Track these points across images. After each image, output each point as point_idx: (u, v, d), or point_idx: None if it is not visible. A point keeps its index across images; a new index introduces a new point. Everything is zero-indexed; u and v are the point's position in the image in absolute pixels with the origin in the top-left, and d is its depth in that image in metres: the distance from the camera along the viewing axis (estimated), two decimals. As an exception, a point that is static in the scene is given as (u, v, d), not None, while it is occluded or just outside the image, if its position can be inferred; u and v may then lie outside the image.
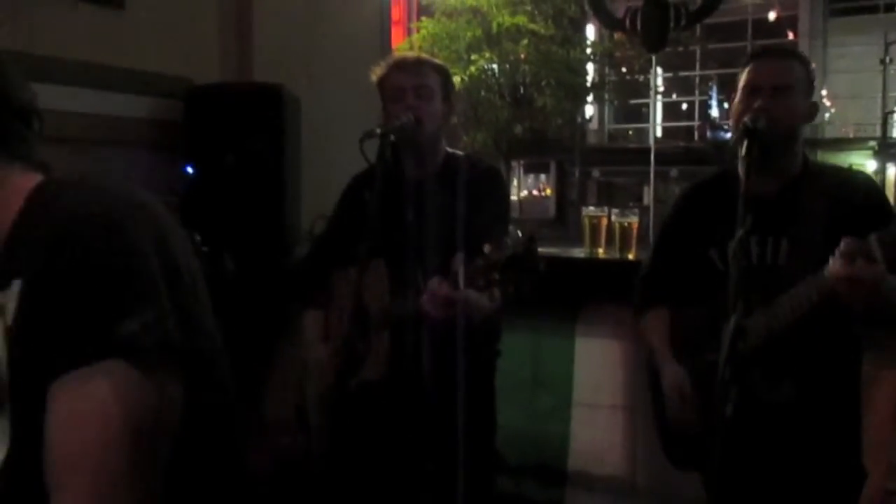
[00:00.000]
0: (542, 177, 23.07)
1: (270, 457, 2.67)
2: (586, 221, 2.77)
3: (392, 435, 2.06)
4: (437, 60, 2.11)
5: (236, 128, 2.73)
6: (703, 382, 1.77)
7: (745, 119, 1.66)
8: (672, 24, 3.22)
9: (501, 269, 1.54)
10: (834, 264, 1.49)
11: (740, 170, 1.72)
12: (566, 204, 21.10)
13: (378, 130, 1.86)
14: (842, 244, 1.48)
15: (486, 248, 1.57)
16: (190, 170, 2.73)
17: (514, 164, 18.05)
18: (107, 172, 1.09)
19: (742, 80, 1.76)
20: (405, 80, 1.97)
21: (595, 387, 2.73)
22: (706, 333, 1.78)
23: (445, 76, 2.05)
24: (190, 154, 2.75)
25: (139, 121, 2.81)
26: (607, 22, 3.86)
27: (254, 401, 2.97)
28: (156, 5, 2.87)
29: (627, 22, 3.21)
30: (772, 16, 17.34)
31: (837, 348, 1.74)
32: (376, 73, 2.03)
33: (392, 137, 1.86)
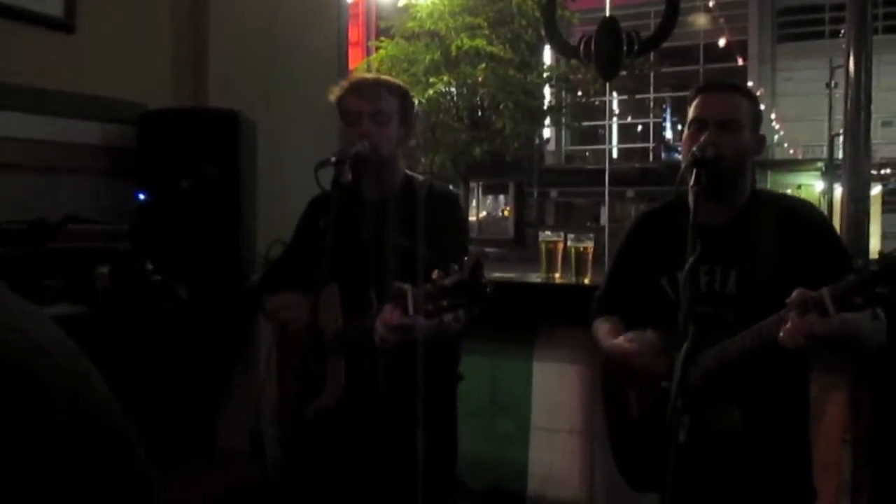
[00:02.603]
0: (501, 198, 23.31)
1: (224, 486, 2.63)
2: (543, 247, 2.79)
3: (350, 461, 2.04)
4: (395, 81, 2.09)
5: (190, 153, 2.69)
6: (658, 409, 1.80)
7: (694, 149, 1.70)
8: (625, 52, 3.28)
9: (449, 294, 1.55)
10: (786, 316, 1.50)
11: (690, 199, 1.75)
12: (525, 224, 21.35)
13: (333, 159, 1.85)
14: (794, 295, 1.49)
15: (435, 274, 1.58)
16: (143, 196, 2.69)
17: (472, 185, 18.35)
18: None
19: (690, 113, 1.80)
20: (361, 104, 1.96)
21: (552, 411, 2.74)
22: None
23: (403, 97, 2.03)
24: (143, 180, 2.71)
25: (91, 147, 2.76)
26: (562, 50, 3.92)
27: (207, 429, 2.93)
28: (108, 29, 2.83)
29: (582, 49, 3.27)
30: (722, 42, 17.87)
31: (786, 375, 1.78)
32: (334, 93, 2.02)
33: (347, 165, 1.87)
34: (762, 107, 1.98)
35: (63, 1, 2.69)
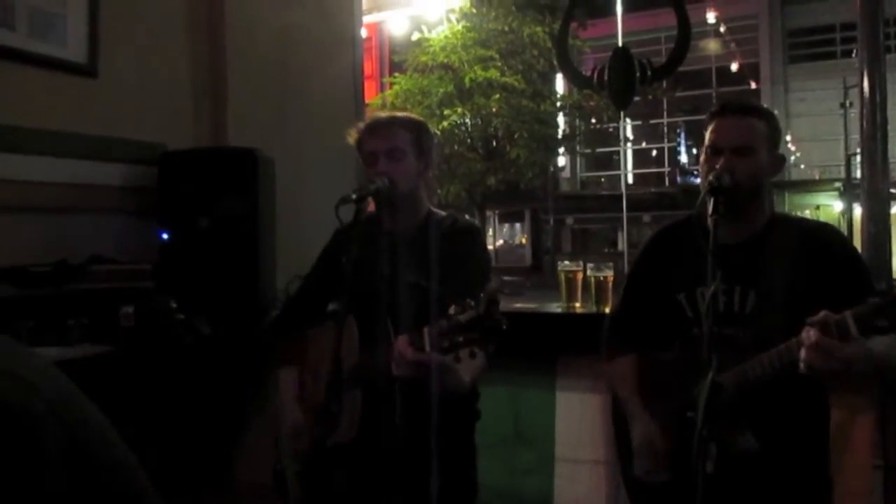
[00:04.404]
0: (517, 226, 23.31)
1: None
2: (562, 276, 2.79)
3: (369, 497, 2.03)
4: (409, 116, 2.12)
5: (210, 192, 2.73)
6: (676, 433, 1.78)
7: (710, 177, 1.71)
8: (638, 80, 3.30)
9: (464, 330, 1.55)
10: (808, 337, 1.49)
11: (709, 222, 1.75)
12: (542, 252, 21.29)
13: (353, 196, 1.87)
14: (817, 317, 1.48)
15: (452, 310, 1.58)
16: (165, 235, 2.73)
17: (488, 214, 18.40)
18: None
19: (706, 138, 1.81)
20: (376, 144, 1.99)
21: (576, 442, 2.71)
22: (676, 379, 1.80)
23: (419, 131, 2.04)
24: (164, 219, 2.75)
25: (113, 188, 2.81)
26: (575, 80, 3.95)
27: (227, 464, 2.92)
28: (128, 73, 2.89)
29: (595, 79, 3.29)
30: (734, 66, 17.88)
31: (804, 398, 1.76)
32: (352, 135, 2.06)
33: (368, 201, 1.90)
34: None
35: (86, 47, 2.75)
